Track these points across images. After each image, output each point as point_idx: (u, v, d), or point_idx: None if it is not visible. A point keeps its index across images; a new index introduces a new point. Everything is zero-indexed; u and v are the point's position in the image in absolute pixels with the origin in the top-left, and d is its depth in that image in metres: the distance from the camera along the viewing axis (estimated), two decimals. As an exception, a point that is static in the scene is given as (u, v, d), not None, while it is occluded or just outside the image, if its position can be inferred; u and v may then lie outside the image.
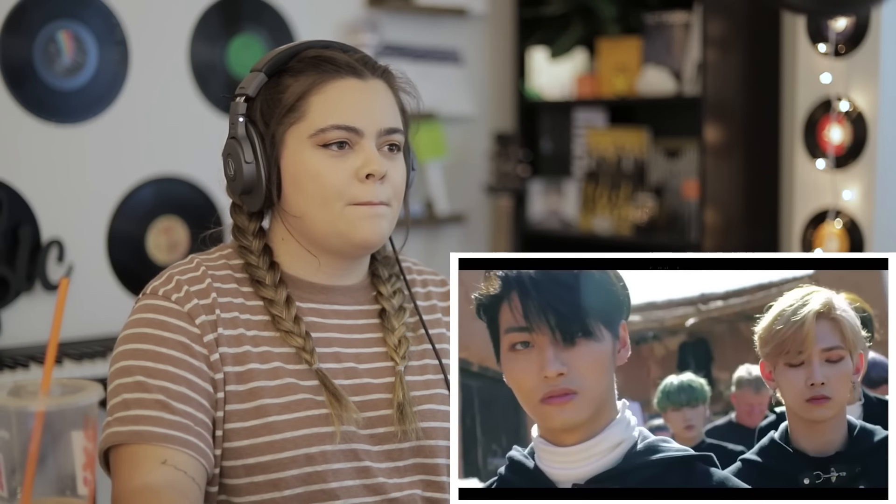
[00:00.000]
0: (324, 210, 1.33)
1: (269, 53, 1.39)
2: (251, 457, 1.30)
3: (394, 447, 1.36)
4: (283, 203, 1.37)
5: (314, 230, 1.36)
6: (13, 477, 1.02)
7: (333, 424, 1.31)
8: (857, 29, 2.97)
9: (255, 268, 1.37)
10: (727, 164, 3.48)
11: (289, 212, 1.37)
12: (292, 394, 1.32)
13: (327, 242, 1.36)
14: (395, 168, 1.37)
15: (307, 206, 1.34)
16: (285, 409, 1.31)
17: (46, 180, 3.05)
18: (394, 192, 1.36)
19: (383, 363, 1.40)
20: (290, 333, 1.34)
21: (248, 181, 1.35)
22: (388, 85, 1.40)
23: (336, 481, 1.31)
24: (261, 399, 1.31)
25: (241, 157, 1.35)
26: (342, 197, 1.33)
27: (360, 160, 1.33)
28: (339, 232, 1.34)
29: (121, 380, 1.28)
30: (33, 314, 3.00)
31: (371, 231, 1.34)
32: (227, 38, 3.41)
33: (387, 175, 1.35)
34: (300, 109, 1.34)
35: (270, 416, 1.30)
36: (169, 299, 1.32)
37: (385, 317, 1.42)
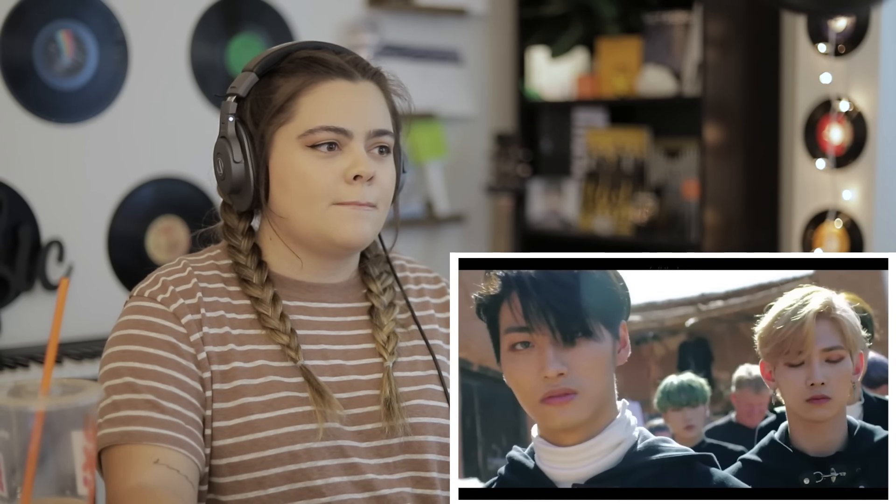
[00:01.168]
0: (308, 210, 1.34)
1: (261, 54, 1.40)
2: (235, 455, 1.30)
3: (382, 443, 1.36)
4: (270, 203, 1.37)
5: (298, 230, 1.36)
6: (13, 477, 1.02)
7: (317, 421, 1.31)
8: (857, 29, 2.97)
9: (242, 267, 1.38)
10: (727, 164, 3.48)
11: (275, 212, 1.37)
12: (275, 391, 1.32)
13: (310, 242, 1.37)
14: (383, 170, 1.37)
15: (292, 206, 1.35)
16: (268, 407, 1.31)
17: (46, 180, 3.05)
18: (381, 194, 1.37)
19: (371, 359, 1.40)
20: (275, 331, 1.35)
21: (236, 181, 1.36)
22: (378, 87, 1.41)
23: (322, 478, 1.31)
24: (243, 397, 1.31)
25: (231, 157, 1.35)
26: (327, 197, 1.33)
27: (348, 161, 1.34)
28: (320, 232, 1.35)
29: (110, 382, 1.29)
30: (33, 314, 3.00)
31: (353, 231, 1.34)
32: (227, 38, 3.41)
33: (375, 177, 1.35)
34: (290, 110, 1.35)
35: (253, 414, 1.31)
36: (155, 300, 1.33)
37: (374, 313, 1.43)
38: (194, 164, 3.29)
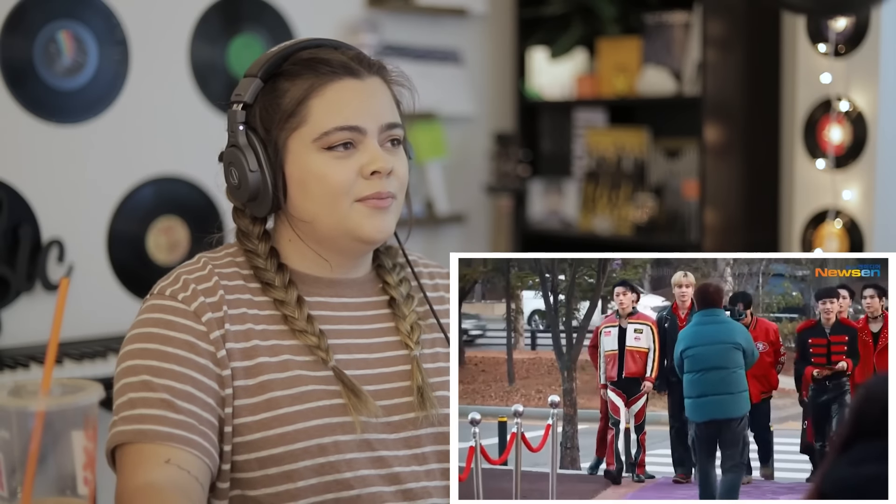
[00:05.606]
0: (331, 210, 1.34)
1: (261, 57, 1.39)
2: (264, 449, 1.31)
3: (410, 434, 1.37)
4: (289, 207, 1.37)
5: (322, 231, 1.37)
6: (13, 477, 1.03)
7: (345, 415, 1.32)
8: (857, 29, 2.97)
9: (262, 270, 1.38)
10: (727, 164, 3.48)
11: (296, 216, 1.37)
12: (302, 385, 1.33)
13: (335, 242, 1.38)
14: (399, 162, 1.38)
15: (316, 209, 1.35)
16: (296, 401, 1.32)
17: (46, 180, 3.05)
18: (399, 185, 1.38)
19: (396, 352, 1.41)
20: (303, 333, 1.35)
21: (253, 189, 1.36)
22: (383, 80, 1.41)
23: (350, 471, 1.32)
24: (271, 392, 1.32)
25: (245, 166, 1.35)
26: (349, 195, 1.34)
27: (365, 158, 1.34)
28: (347, 230, 1.35)
29: (127, 379, 1.29)
30: (33, 314, 3.00)
31: (378, 227, 1.36)
32: (227, 38, 3.41)
33: (392, 170, 1.36)
34: (301, 114, 1.35)
35: (281, 408, 1.31)
36: (176, 299, 1.33)
37: (395, 305, 1.44)
38: (194, 164, 3.29)
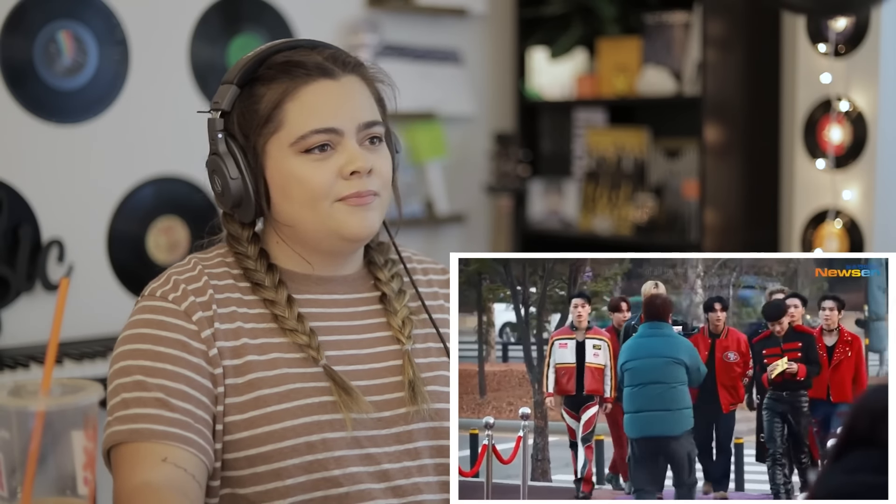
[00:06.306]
0: (314, 212, 1.34)
1: (237, 63, 1.39)
2: (252, 448, 1.31)
3: (402, 430, 1.37)
4: (273, 212, 1.38)
5: (305, 234, 1.37)
6: (13, 477, 1.03)
7: (335, 412, 1.32)
8: (857, 29, 2.97)
9: (253, 272, 1.38)
10: (727, 164, 3.48)
11: (280, 221, 1.38)
12: (290, 383, 1.33)
13: (320, 243, 1.38)
14: (379, 159, 1.38)
15: (298, 212, 1.35)
16: (283, 399, 1.32)
17: (47, 180, 3.05)
18: (382, 182, 1.37)
19: (387, 346, 1.41)
20: (294, 332, 1.35)
21: (236, 196, 1.36)
22: (361, 78, 1.40)
23: (339, 469, 1.32)
24: (259, 390, 1.32)
25: (227, 173, 1.36)
26: (329, 196, 1.34)
27: (343, 159, 1.34)
28: (330, 230, 1.35)
29: (120, 380, 1.29)
30: (33, 314, 3.00)
31: (360, 225, 1.35)
32: (227, 38, 3.41)
33: (372, 168, 1.36)
34: (277, 119, 1.35)
35: (269, 406, 1.31)
36: (166, 299, 1.33)
37: (386, 300, 1.44)
38: (194, 164, 3.28)
